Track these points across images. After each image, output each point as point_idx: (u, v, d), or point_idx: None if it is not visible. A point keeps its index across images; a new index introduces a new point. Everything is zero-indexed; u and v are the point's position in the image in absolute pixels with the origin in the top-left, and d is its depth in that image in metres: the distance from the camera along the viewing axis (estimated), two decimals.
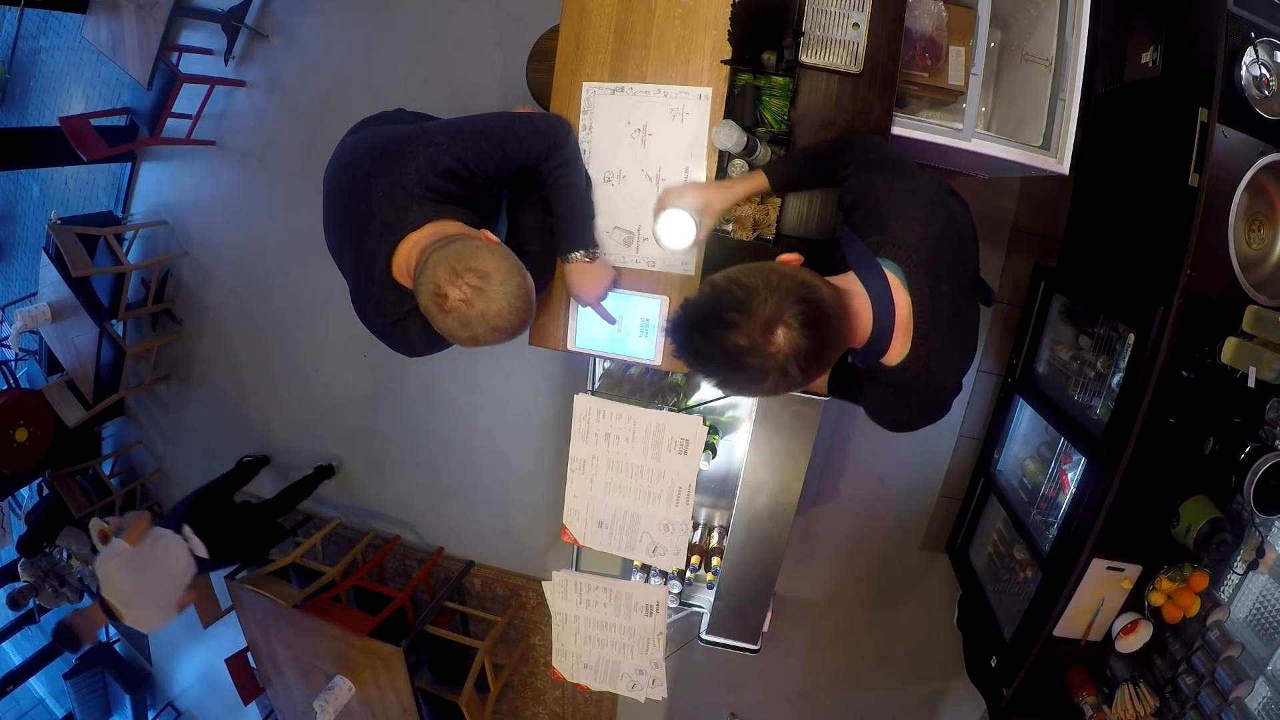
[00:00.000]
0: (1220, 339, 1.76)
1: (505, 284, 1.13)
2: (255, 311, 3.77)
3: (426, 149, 1.26)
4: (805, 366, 0.91)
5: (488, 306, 1.12)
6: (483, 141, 1.32)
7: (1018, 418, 2.69)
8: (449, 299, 1.11)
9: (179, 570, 2.72)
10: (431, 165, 1.25)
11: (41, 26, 4.34)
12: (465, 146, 1.29)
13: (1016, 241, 2.81)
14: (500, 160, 1.34)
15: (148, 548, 2.64)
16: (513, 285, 1.14)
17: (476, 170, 1.30)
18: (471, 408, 3.45)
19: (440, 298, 1.11)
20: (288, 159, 3.50)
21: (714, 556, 2.08)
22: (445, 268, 1.11)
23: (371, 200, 1.25)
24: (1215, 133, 1.71)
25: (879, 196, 1.11)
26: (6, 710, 5.28)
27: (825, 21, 1.49)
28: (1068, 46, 1.83)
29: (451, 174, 1.27)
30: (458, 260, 1.12)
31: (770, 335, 0.89)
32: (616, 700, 3.68)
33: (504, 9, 3.06)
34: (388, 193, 1.24)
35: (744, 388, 0.96)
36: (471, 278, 1.11)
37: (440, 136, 1.29)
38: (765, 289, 0.90)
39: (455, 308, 1.11)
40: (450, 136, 1.29)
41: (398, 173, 1.24)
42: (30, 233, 4.77)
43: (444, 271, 1.11)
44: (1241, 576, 1.93)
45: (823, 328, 0.92)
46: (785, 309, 0.89)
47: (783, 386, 0.94)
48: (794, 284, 0.92)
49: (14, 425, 3.70)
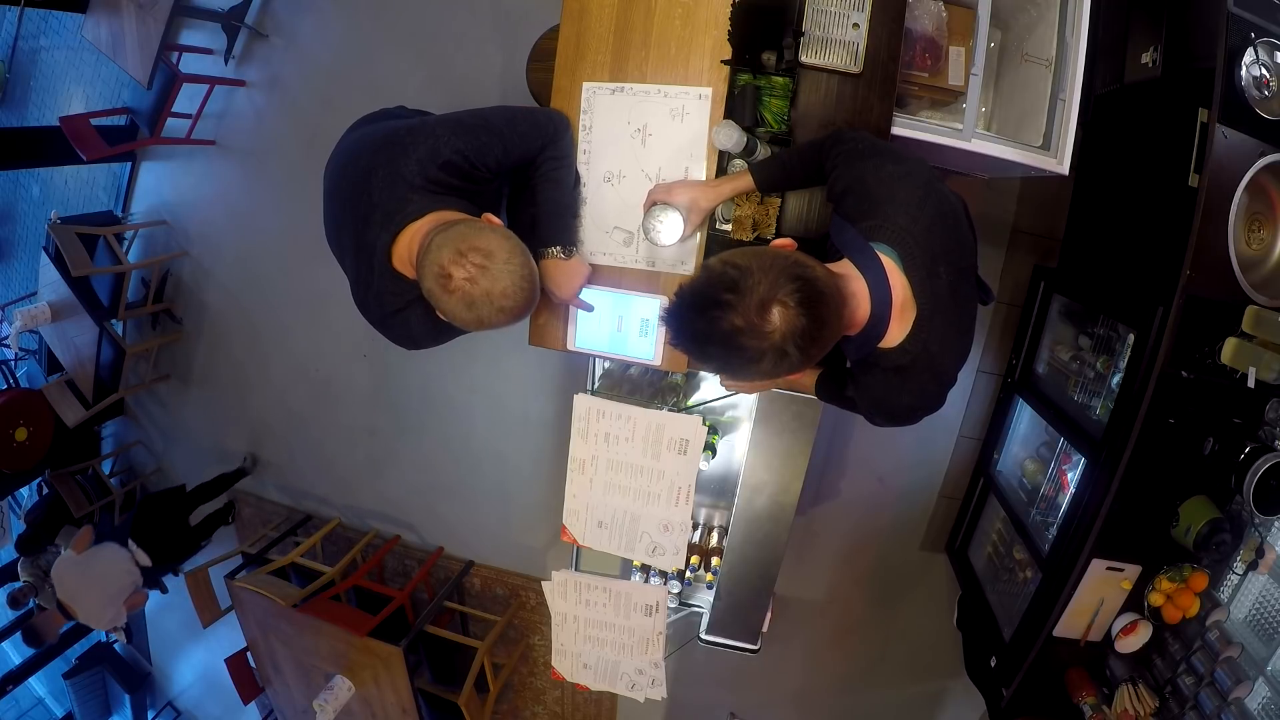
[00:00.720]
0: (1220, 339, 1.75)
1: (509, 262, 1.13)
2: (255, 311, 3.77)
3: (427, 141, 1.26)
4: (803, 346, 0.91)
5: (493, 285, 1.11)
6: (483, 135, 1.32)
7: (1017, 418, 2.69)
8: (453, 279, 1.10)
9: (120, 574, 3.16)
10: (432, 157, 1.25)
11: (41, 26, 4.34)
12: (466, 139, 1.29)
13: (1016, 241, 2.81)
14: (501, 155, 1.34)
15: (92, 555, 3.09)
16: (516, 264, 1.14)
17: (477, 163, 1.30)
18: (471, 407, 3.45)
19: (444, 278, 1.11)
20: (288, 158, 3.50)
21: (713, 556, 2.08)
22: (449, 248, 1.11)
23: (372, 191, 1.25)
24: (1215, 133, 1.71)
25: (870, 182, 1.11)
26: (6, 710, 5.28)
27: (825, 21, 1.49)
28: (1068, 46, 1.83)
29: (452, 166, 1.27)
30: (461, 240, 1.12)
31: (766, 315, 0.89)
32: (616, 700, 3.68)
33: (504, 9, 3.06)
34: (388, 183, 1.24)
35: (741, 370, 0.96)
36: (476, 256, 1.10)
37: (441, 129, 1.29)
38: (759, 269, 0.90)
39: (460, 287, 1.11)
40: (451, 129, 1.29)
41: (398, 164, 1.24)
42: (30, 232, 4.77)
43: (448, 252, 1.11)
44: (1241, 577, 1.93)
45: (819, 306, 0.92)
46: (779, 288, 0.89)
47: (781, 368, 0.93)
48: (787, 263, 0.92)
49: (14, 425, 3.71)
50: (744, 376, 1.10)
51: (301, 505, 3.92)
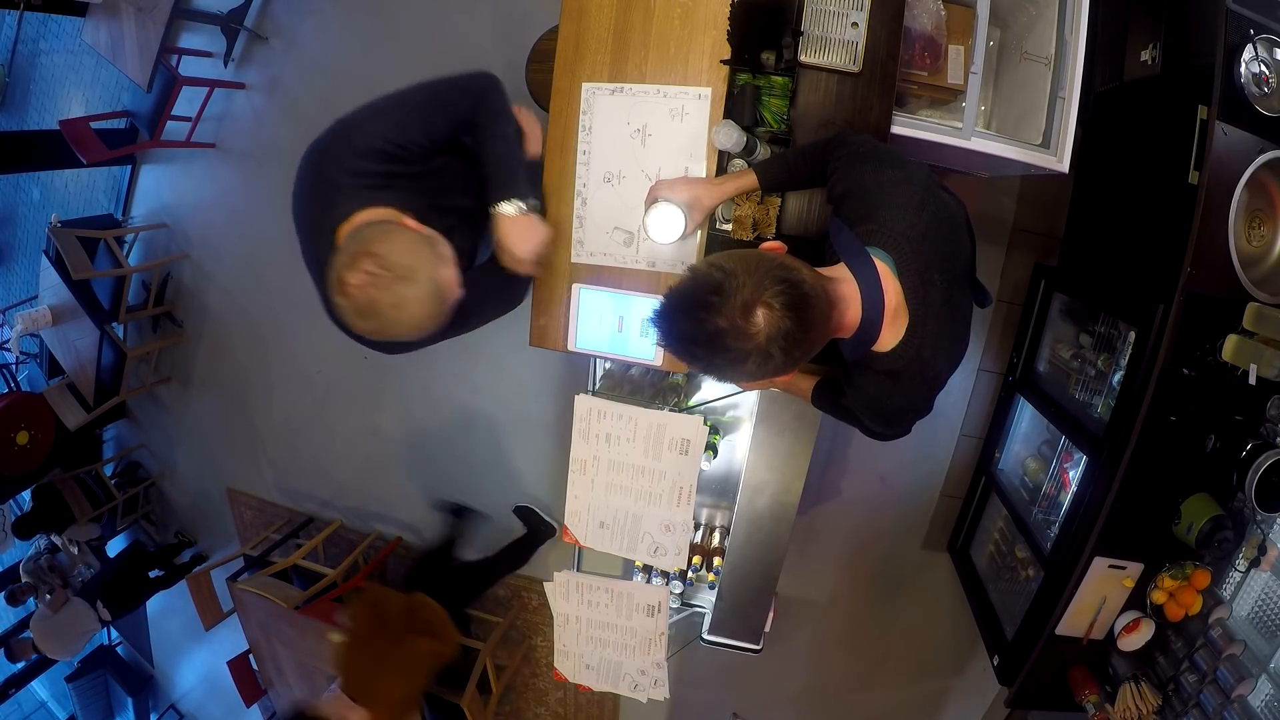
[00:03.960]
0: (1221, 336, 1.75)
1: (408, 267, 1.07)
2: (256, 313, 3.77)
3: (344, 136, 1.22)
4: (787, 348, 0.91)
5: (381, 295, 1.06)
6: (400, 113, 1.26)
7: (1019, 417, 2.68)
8: (347, 284, 1.06)
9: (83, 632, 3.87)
10: (351, 150, 1.20)
11: (41, 30, 4.34)
12: (383, 122, 1.24)
13: (1016, 240, 2.81)
14: (426, 128, 1.27)
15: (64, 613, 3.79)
16: (421, 269, 1.08)
17: (402, 143, 1.23)
18: (472, 408, 3.45)
19: (340, 283, 1.06)
20: (287, 161, 3.42)
21: (715, 557, 2.08)
22: (346, 254, 1.07)
23: (312, 208, 1.23)
24: (1215, 130, 1.70)
25: (868, 185, 1.11)
26: (9, 713, 5.28)
27: (824, 21, 1.49)
28: (1067, 44, 1.83)
29: (375, 153, 1.20)
30: (360, 245, 1.07)
31: (750, 316, 0.89)
32: (618, 701, 3.68)
33: (504, 9, 3.06)
34: (317, 193, 1.21)
35: (726, 372, 0.96)
36: (369, 263, 1.05)
37: (356, 118, 1.24)
38: (744, 271, 0.91)
39: (352, 294, 1.06)
40: (367, 115, 1.25)
41: (322, 169, 1.21)
42: (31, 236, 4.78)
43: (344, 257, 1.07)
44: (1243, 574, 1.93)
45: (804, 310, 0.92)
46: (764, 290, 0.89)
47: (765, 369, 0.93)
48: (772, 266, 0.92)
49: (15, 428, 3.71)
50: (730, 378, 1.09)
51: (303, 507, 3.92)
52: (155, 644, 4.88)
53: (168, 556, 4.27)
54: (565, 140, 1.65)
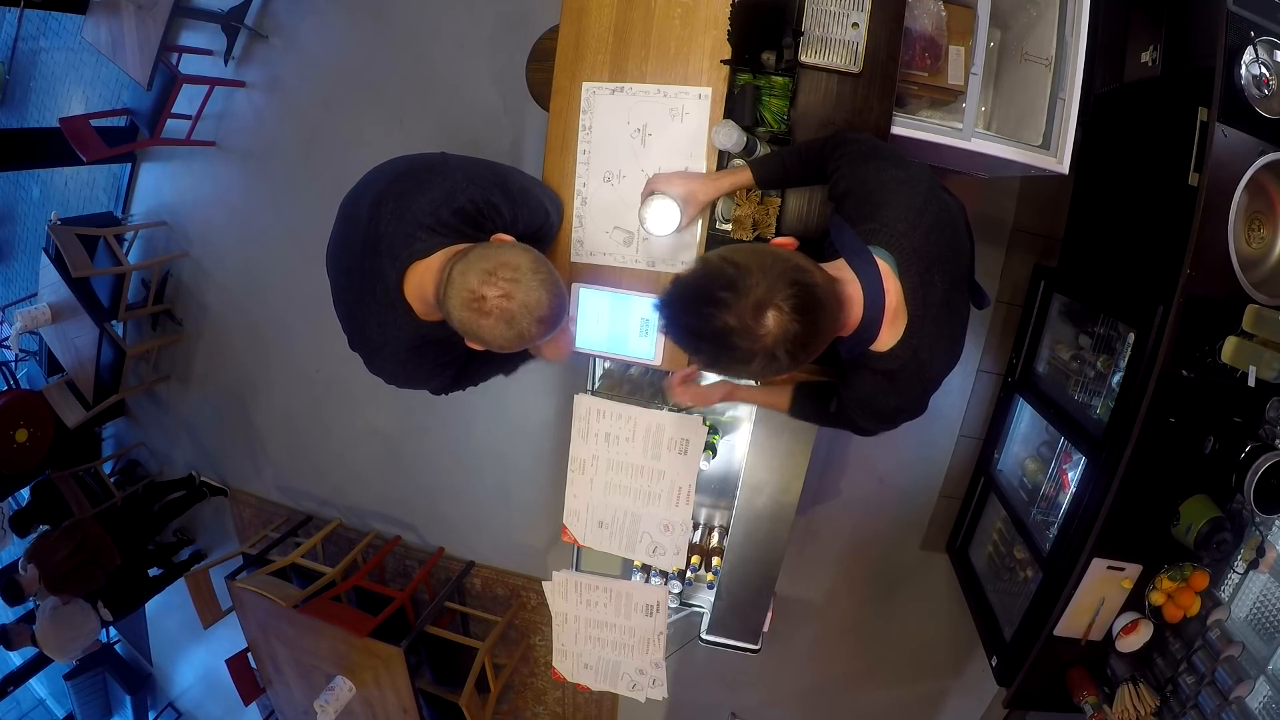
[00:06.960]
0: (1220, 338, 1.75)
1: (538, 273, 1.10)
2: (255, 312, 3.77)
3: (444, 182, 1.23)
4: (793, 352, 0.91)
5: (528, 297, 1.09)
6: (498, 194, 1.28)
7: (1018, 417, 2.69)
8: (487, 300, 1.07)
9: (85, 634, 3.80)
10: (447, 200, 1.22)
11: (41, 27, 4.34)
12: (482, 191, 1.25)
13: (1016, 241, 2.81)
14: (509, 219, 1.31)
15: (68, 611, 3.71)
16: (545, 272, 1.12)
17: (489, 217, 1.26)
18: (472, 408, 3.45)
19: (478, 301, 1.07)
20: (287, 159, 3.50)
21: (714, 556, 2.08)
22: (476, 271, 1.08)
23: (380, 220, 1.22)
24: (1215, 132, 1.71)
25: (871, 185, 1.11)
26: (7, 711, 5.28)
27: (825, 21, 1.49)
28: (1067, 46, 1.83)
29: (464, 214, 1.23)
30: (486, 260, 1.09)
31: (760, 317, 0.88)
32: (617, 700, 3.68)
33: (504, 9, 3.06)
34: (396, 216, 1.21)
35: (730, 368, 0.96)
36: (506, 272, 1.08)
37: (460, 173, 1.26)
38: (758, 270, 0.89)
39: (496, 306, 1.07)
40: (470, 176, 1.26)
41: (410, 198, 1.21)
42: (30, 233, 4.77)
43: (475, 276, 1.08)
44: (1242, 576, 1.93)
45: (814, 313, 0.91)
46: (777, 292, 0.88)
47: (769, 370, 0.93)
48: (787, 266, 0.91)
49: (14, 426, 3.71)
50: (733, 375, 1.09)
51: (302, 506, 3.92)
52: (154, 642, 4.88)
53: (167, 555, 4.26)
54: (565, 140, 1.65)
